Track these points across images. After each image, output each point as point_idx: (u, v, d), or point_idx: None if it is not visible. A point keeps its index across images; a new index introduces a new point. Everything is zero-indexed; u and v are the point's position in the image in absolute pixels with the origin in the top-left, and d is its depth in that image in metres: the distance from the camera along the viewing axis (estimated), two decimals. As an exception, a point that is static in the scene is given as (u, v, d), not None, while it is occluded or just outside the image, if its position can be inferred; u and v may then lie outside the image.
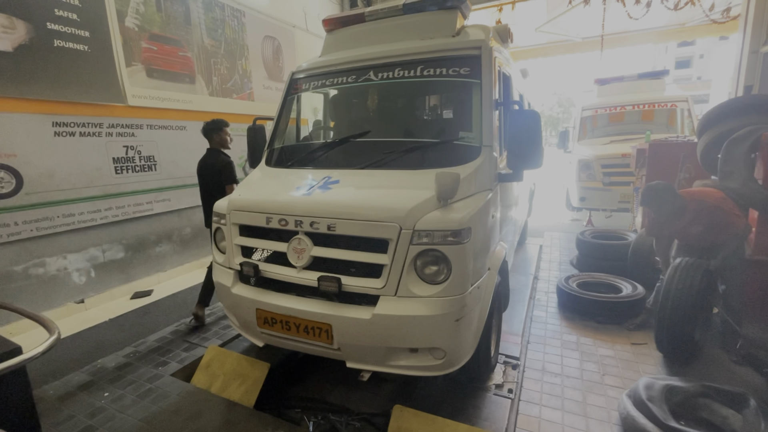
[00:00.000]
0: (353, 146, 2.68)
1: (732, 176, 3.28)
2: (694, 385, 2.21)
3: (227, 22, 5.14)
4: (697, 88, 26.37)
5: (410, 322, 1.89)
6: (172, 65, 4.46)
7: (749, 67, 4.95)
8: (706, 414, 2.14)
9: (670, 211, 2.74)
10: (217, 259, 2.57)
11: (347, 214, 2.01)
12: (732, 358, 2.64)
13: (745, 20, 5.02)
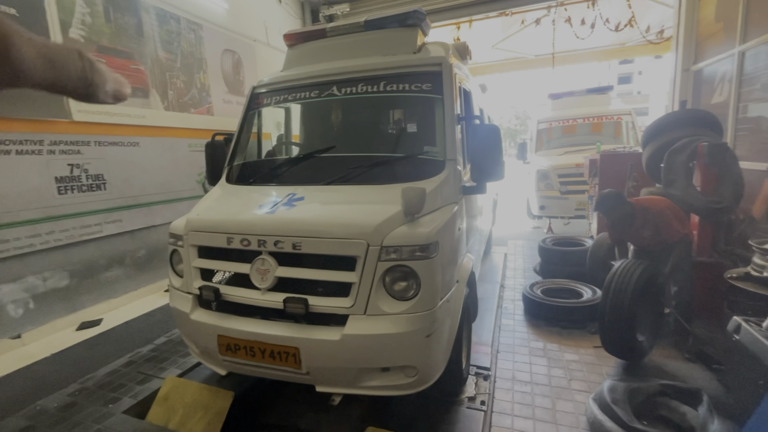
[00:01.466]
0: (318, 162, 2.64)
1: (674, 184, 3.54)
2: (653, 384, 2.31)
3: (183, 34, 4.97)
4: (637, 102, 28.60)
5: (381, 341, 1.84)
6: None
7: (683, 83, 5.43)
8: (665, 412, 2.24)
9: (621, 217, 2.91)
10: (174, 283, 2.41)
11: (313, 231, 1.96)
12: (685, 355, 2.79)
13: (677, 41, 5.52)
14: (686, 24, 5.30)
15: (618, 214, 2.89)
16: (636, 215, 2.86)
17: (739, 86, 4.19)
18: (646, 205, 2.88)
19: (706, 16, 5.01)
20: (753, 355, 1.39)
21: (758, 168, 3.67)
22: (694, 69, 5.29)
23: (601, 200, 2.96)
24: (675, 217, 2.82)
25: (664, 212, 2.81)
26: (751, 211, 3.85)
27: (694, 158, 3.46)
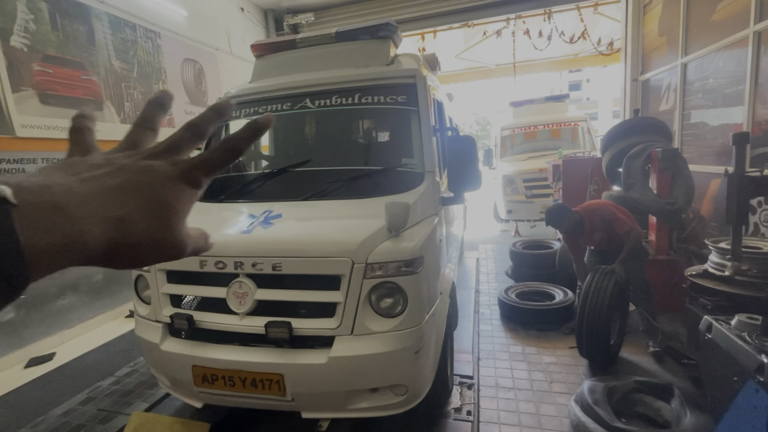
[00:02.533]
0: (293, 176, 2.56)
1: (633, 187, 3.76)
2: (628, 382, 2.40)
3: (140, 43, 4.71)
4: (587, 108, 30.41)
5: (370, 361, 1.79)
6: (73, 90, 3.93)
7: (632, 92, 5.82)
8: (641, 408, 2.34)
9: (570, 226, 3.03)
10: (140, 311, 2.24)
11: (295, 251, 1.88)
12: (652, 351, 2.94)
13: (625, 53, 5.91)
14: (633, 37, 5.70)
15: (568, 224, 3.01)
16: (584, 222, 2.99)
17: (683, 95, 4.54)
18: (591, 209, 3.02)
19: (650, 30, 5.41)
20: (725, 352, 1.47)
21: (703, 170, 3.98)
22: (641, 79, 5.68)
23: (549, 215, 3.08)
24: (620, 211, 2.98)
25: (608, 209, 2.96)
26: (699, 211, 4.16)
27: (649, 163, 3.69)
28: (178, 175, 0.35)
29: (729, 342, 1.46)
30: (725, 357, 1.47)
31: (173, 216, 0.34)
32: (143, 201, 0.33)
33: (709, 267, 2.52)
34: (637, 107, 5.56)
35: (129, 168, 0.33)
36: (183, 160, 0.36)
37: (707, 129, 4.14)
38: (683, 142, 4.54)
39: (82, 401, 2.81)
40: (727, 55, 3.72)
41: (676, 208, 3.48)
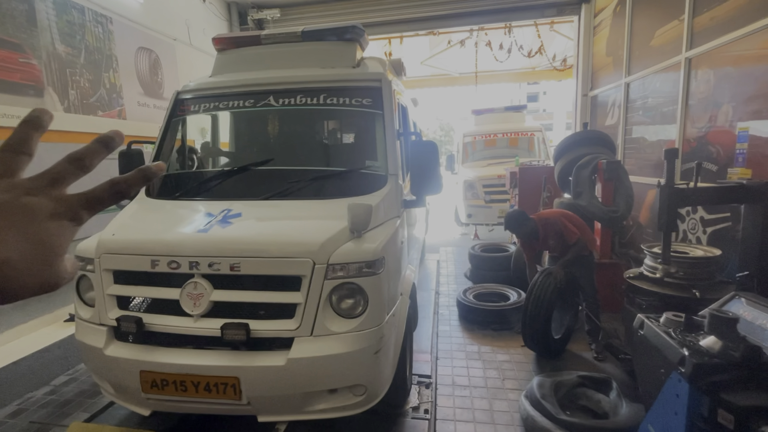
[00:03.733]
0: (255, 175, 2.51)
1: (581, 196, 4.03)
2: (573, 377, 2.57)
3: (89, 27, 4.40)
4: (544, 119, 32.16)
5: (329, 362, 1.79)
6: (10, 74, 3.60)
7: (582, 106, 6.23)
8: (584, 401, 2.51)
9: (527, 233, 3.21)
10: (82, 314, 2.09)
11: (254, 251, 1.85)
12: (597, 348, 3.16)
13: (577, 70, 6.33)
14: (584, 55, 6.11)
15: (525, 230, 3.19)
16: (539, 229, 3.19)
17: (626, 112, 4.93)
18: (545, 218, 3.22)
19: (599, 50, 5.82)
20: (654, 347, 1.62)
21: (642, 181, 4.34)
22: (591, 94, 6.10)
23: (507, 220, 3.24)
24: (570, 222, 3.18)
25: (560, 219, 3.16)
26: (638, 218, 4.53)
27: (595, 173, 3.97)
28: (61, 213, 0.34)
29: (657, 337, 1.61)
30: (654, 351, 1.62)
31: (55, 256, 0.33)
32: (25, 243, 0.31)
33: (644, 270, 2.76)
34: (587, 121, 5.96)
35: (9, 207, 0.32)
36: (66, 197, 0.35)
37: (646, 144, 4.52)
38: (625, 154, 4.93)
39: (10, 414, 2.58)
40: (664, 77, 4.09)
41: (618, 215, 3.77)
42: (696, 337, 1.52)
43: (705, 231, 3.40)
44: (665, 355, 1.55)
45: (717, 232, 3.26)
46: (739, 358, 1.36)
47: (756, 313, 1.57)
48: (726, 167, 3.15)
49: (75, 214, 0.34)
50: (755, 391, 1.30)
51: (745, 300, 1.65)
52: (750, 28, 2.87)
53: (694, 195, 2.11)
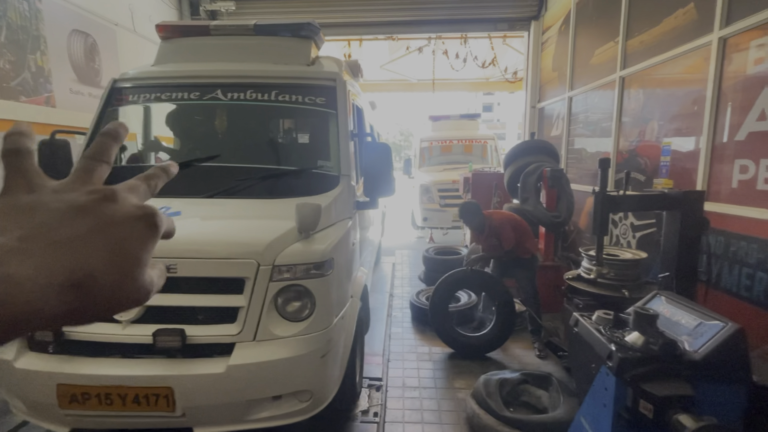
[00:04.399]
0: (198, 171, 2.37)
1: (527, 201, 4.24)
2: (516, 375, 2.68)
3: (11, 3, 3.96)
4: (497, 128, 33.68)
5: (273, 368, 1.72)
6: None
7: (531, 117, 6.58)
8: (526, 397, 2.62)
9: (476, 225, 3.35)
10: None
11: (193, 252, 1.74)
12: (540, 346, 3.32)
13: (526, 82, 6.68)
14: (532, 69, 6.47)
15: (474, 222, 3.34)
16: (486, 225, 3.33)
17: (569, 124, 5.27)
18: (493, 218, 3.36)
19: (546, 65, 6.19)
20: (587, 343, 1.72)
21: (582, 189, 4.65)
22: (538, 106, 6.46)
23: (462, 209, 3.38)
24: (513, 229, 3.32)
25: (503, 224, 3.30)
26: (578, 224, 4.85)
27: (540, 180, 4.20)
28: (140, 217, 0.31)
29: (589, 334, 1.71)
30: (586, 347, 1.72)
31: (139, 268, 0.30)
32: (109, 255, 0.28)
33: (582, 271, 2.94)
34: (534, 131, 6.30)
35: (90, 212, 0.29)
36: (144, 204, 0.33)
37: (586, 154, 4.86)
38: (568, 164, 5.26)
39: None
40: (602, 93, 4.42)
41: (560, 220, 4.00)
42: (623, 333, 1.63)
43: (634, 236, 3.71)
44: (596, 351, 1.65)
45: (644, 236, 3.56)
46: (658, 351, 1.48)
47: (673, 310, 1.72)
48: (652, 178, 3.45)
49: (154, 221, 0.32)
50: (671, 382, 1.42)
51: (665, 298, 1.80)
52: (671, 53, 3.19)
53: (623, 202, 2.28)
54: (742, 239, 2.47)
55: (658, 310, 1.71)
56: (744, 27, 2.50)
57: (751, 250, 2.41)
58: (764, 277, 2.33)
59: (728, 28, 2.62)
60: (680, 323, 1.63)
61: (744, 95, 2.53)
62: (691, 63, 3.04)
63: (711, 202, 2.71)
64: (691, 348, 1.50)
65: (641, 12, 3.65)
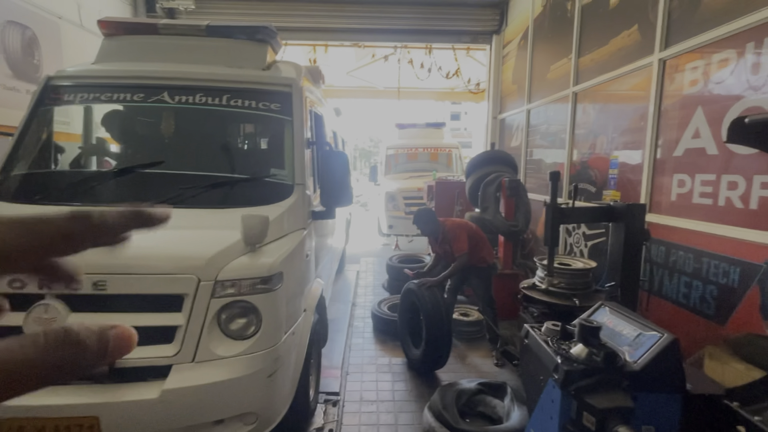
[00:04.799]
0: (139, 178, 2.22)
1: (487, 210, 4.32)
2: (473, 385, 2.68)
3: (-68, -12, 3.59)
4: (464, 137, 34.57)
5: (215, 391, 1.61)
6: None
7: (492, 128, 6.77)
8: (482, 407, 2.63)
9: (431, 231, 3.37)
10: None
11: (125, 266, 1.60)
12: (497, 355, 3.36)
13: (489, 94, 6.87)
14: (494, 81, 6.67)
15: (428, 228, 3.36)
16: (440, 232, 3.36)
17: (527, 135, 5.46)
18: (448, 225, 3.39)
19: (507, 78, 6.40)
20: (536, 355, 1.74)
21: (539, 199, 4.81)
22: (499, 117, 6.66)
23: (416, 216, 3.39)
24: (468, 236, 3.32)
25: (456, 231, 3.32)
26: (536, 232, 5.00)
27: (499, 190, 4.29)
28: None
29: (538, 346, 1.73)
30: (535, 359, 1.73)
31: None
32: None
33: (536, 280, 3.01)
34: (495, 141, 6.47)
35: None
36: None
37: (543, 165, 5.04)
38: (527, 174, 5.43)
39: None
40: (557, 107, 4.61)
41: (517, 229, 4.11)
42: (569, 345, 1.66)
43: (587, 244, 3.86)
44: (544, 363, 1.67)
45: (595, 245, 3.71)
46: (600, 363, 1.51)
47: (616, 321, 1.77)
48: (602, 189, 3.62)
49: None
50: (612, 393, 1.45)
51: (609, 309, 1.85)
52: (618, 71, 3.36)
53: (572, 214, 2.36)
54: (681, 249, 2.62)
55: (603, 321, 1.75)
56: (681, 50, 2.67)
57: (688, 259, 2.55)
58: (699, 285, 2.47)
59: (667, 50, 2.80)
60: (622, 334, 1.68)
61: (681, 114, 2.70)
62: (636, 81, 3.22)
63: (653, 214, 2.87)
64: (631, 359, 1.54)
65: (592, 31, 3.85)
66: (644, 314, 2.74)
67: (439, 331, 3.00)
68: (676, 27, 2.75)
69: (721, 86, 2.38)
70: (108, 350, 0.26)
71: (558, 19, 4.54)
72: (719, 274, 2.34)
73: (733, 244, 2.24)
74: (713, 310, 2.36)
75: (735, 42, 2.28)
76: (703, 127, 2.50)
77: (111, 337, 0.26)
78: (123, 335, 0.27)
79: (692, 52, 2.60)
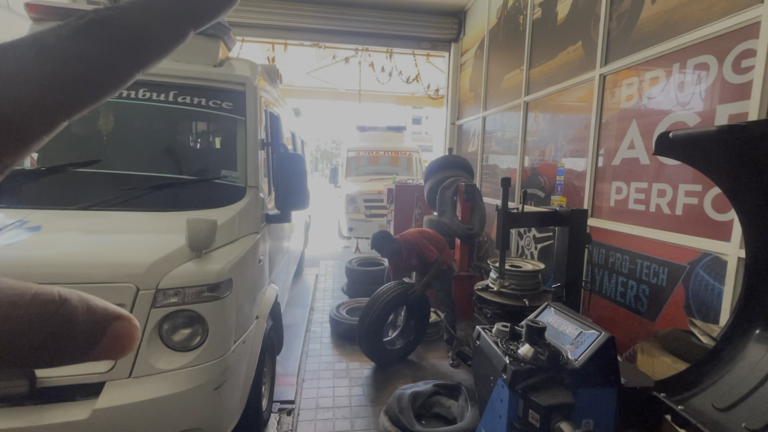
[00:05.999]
0: (72, 178, 2.04)
1: (445, 214, 4.41)
2: (428, 387, 2.72)
3: None
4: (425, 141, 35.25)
5: (154, 408, 1.50)
6: None
7: (450, 133, 6.95)
8: (437, 408, 2.67)
9: (391, 252, 3.38)
10: None
11: (51, 275, 1.46)
12: (452, 356, 3.43)
13: (447, 100, 7.05)
14: (452, 88, 6.86)
15: (388, 250, 3.36)
16: (402, 249, 3.39)
17: (483, 141, 5.66)
18: (407, 239, 3.44)
19: (464, 85, 6.60)
20: (486, 356, 1.79)
21: (494, 203, 4.99)
22: (457, 123, 6.85)
23: (373, 240, 3.38)
24: (430, 242, 3.46)
25: (420, 240, 3.40)
26: (490, 235, 5.19)
27: (456, 194, 4.41)
28: None
29: (489, 347, 1.79)
30: (486, 360, 1.78)
31: None
32: None
33: (489, 282, 3.12)
34: (452, 146, 6.64)
35: None
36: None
37: (498, 170, 5.24)
38: (482, 179, 5.62)
39: None
40: (510, 115, 4.81)
41: (473, 232, 4.23)
42: (517, 346, 1.72)
43: (536, 247, 4.05)
44: (493, 363, 1.72)
45: (544, 248, 3.91)
46: (545, 362, 1.58)
47: (560, 320, 1.87)
48: (550, 194, 3.82)
49: None
50: (555, 391, 1.52)
51: (554, 309, 1.95)
52: (565, 84, 3.58)
53: (522, 218, 2.46)
54: (618, 251, 2.82)
55: (548, 321, 1.84)
56: (618, 67, 2.89)
57: (624, 260, 2.76)
58: (634, 284, 2.67)
59: (606, 66, 3.01)
60: (565, 333, 1.78)
61: (619, 125, 2.91)
62: (581, 94, 3.44)
63: (595, 218, 3.07)
64: (573, 357, 1.63)
65: (541, 45, 4.06)
66: (586, 313, 2.92)
67: (423, 326, 3.46)
68: (615, 45, 2.96)
69: (653, 101, 2.60)
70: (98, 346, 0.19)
71: (511, 31, 4.75)
72: (650, 274, 2.54)
73: (661, 246, 2.45)
74: (645, 308, 2.57)
75: (664, 62, 2.50)
76: (637, 138, 2.71)
77: (109, 332, 0.20)
78: (125, 333, 0.20)
79: (628, 69, 2.82)
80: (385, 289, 3.32)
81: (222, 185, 2.22)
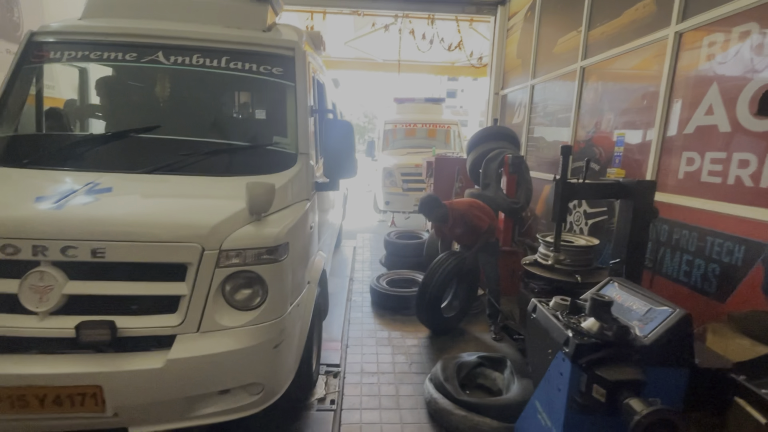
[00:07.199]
0: (135, 143, 2.11)
1: (489, 187, 4.27)
2: (473, 358, 2.71)
3: None
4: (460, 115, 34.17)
5: (219, 361, 1.58)
6: None
7: (494, 103, 6.63)
8: (482, 380, 2.66)
9: (437, 217, 3.31)
10: None
11: (125, 234, 1.53)
12: (495, 329, 3.40)
13: (491, 68, 6.70)
14: (497, 56, 6.48)
15: (435, 215, 3.29)
16: (449, 216, 3.31)
17: (530, 112, 5.36)
18: (455, 207, 3.35)
19: (510, 52, 6.22)
20: (544, 329, 1.73)
21: (540, 177, 4.77)
22: (501, 93, 6.51)
23: (421, 204, 3.31)
24: (481, 211, 3.37)
25: (469, 210, 3.31)
26: (535, 210, 4.99)
27: (501, 167, 4.23)
28: None
29: (546, 320, 1.73)
30: (543, 333, 1.73)
31: None
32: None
33: (538, 257, 3.01)
34: (497, 117, 6.35)
35: None
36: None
37: (544, 143, 4.97)
38: (528, 151, 5.37)
39: None
40: (562, 83, 4.50)
41: (519, 206, 4.08)
42: (579, 320, 1.65)
43: (587, 223, 3.85)
44: (552, 336, 1.66)
45: (596, 224, 3.71)
46: (612, 337, 1.50)
47: (625, 296, 1.77)
48: (606, 167, 3.58)
49: None
50: (623, 366, 1.45)
51: (618, 284, 1.85)
52: (630, 45, 3.26)
53: (582, 189, 2.32)
54: (684, 228, 2.62)
55: (612, 297, 1.75)
56: (699, 23, 2.58)
57: (692, 238, 2.55)
58: (702, 263, 2.48)
59: (684, 23, 2.70)
60: (632, 309, 1.68)
61: (694, 90, 2.63)
62: (648, 56, 3.13)
63: (659, 192, 2.84)
64: (642, 333, 1.54)
65: (604, 2, 3.70)
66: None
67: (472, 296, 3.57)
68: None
69: (740, 62, 2.31)
70: None
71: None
72: (722, 253, 2.34)
73: (740, 222, 2.23)
74: (714, 288, 2.38)
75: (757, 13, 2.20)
76: (717, 103, 2.44)
77: None
78: None
79: (711, 24, 2.51)
80: (442, 259, 3.33)
81: (274, 152, 2.23)
